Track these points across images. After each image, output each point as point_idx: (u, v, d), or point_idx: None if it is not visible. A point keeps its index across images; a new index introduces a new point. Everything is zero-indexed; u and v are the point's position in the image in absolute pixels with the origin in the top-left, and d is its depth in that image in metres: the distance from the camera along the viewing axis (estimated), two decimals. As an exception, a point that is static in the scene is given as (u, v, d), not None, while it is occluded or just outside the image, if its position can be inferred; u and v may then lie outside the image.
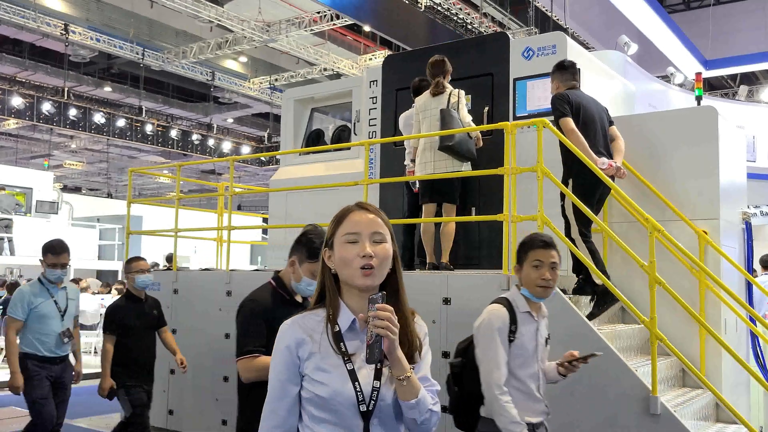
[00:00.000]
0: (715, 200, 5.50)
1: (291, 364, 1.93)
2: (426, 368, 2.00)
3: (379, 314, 1.80)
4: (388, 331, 1.80)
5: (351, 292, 1.95)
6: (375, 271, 1.89)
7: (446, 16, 16.90)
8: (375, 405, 1.87)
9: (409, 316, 1.97)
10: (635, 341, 5.30)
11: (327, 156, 7.77)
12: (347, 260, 1.90)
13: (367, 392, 1.87)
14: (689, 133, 5.63)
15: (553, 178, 4.88)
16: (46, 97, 20.43)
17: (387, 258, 1.93)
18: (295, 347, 1.93)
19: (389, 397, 1.89)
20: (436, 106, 5.80)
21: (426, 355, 2.01)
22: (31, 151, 28.53)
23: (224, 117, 26.37)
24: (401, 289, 1.99)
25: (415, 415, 1.88)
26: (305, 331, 1.94)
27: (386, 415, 1.90)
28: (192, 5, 15.96)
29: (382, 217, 1.99)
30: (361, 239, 1.91)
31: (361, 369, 1.89)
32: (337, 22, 16.86)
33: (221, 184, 7.34)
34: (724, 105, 12.05)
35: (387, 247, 1.93)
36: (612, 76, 7.10)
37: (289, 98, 8.24)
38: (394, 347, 1.84)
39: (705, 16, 18.56)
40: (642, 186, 5.68)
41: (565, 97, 5.17)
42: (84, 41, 18.12)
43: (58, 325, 5.32)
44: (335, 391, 1.87)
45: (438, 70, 5.86)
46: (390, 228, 1.99)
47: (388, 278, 1.96)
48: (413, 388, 1.87)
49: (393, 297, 1.95)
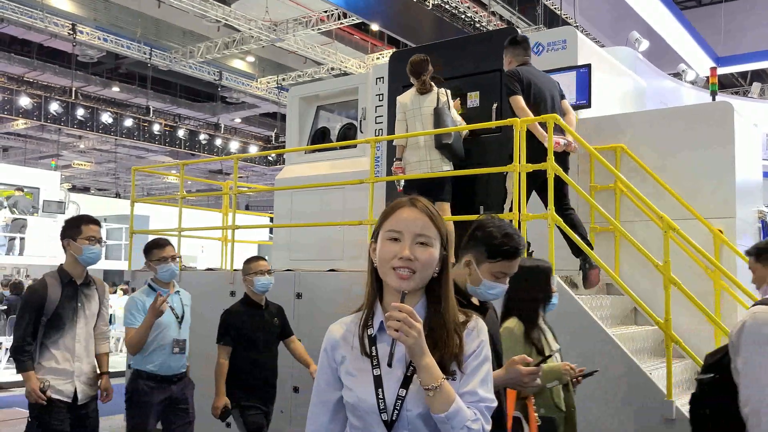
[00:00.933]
0: (730, 198, 5.36)
1: (329, 368, 1.86)
2: (476, 381, 1.78)
3: (393, 314, 1.67)
4: (402, 332, 1.66)
5: (390, 292, 1.82)
6: (413, 275, 1.76)
7: (454, 15, 16.77)
8: (399, 415, 1.73)
9: (449, 322, 1.80)
10: (649, 343, 5.16)
11: (333, 154, 7.67)
12: (385, 258, 1.78)
13: (391, 400, 1.74)
14: (704, 129, 5.49)
15: (564, 175, 4.75)
16: (54, 97, 20.43)
17: (430, 263, 1.78)
18: (331, 351, 1.87)
19: (419, 408, 1.73)
20: (427, 104, 5.73)
21: (481, 366, 1.80)
22: (40, 152, 28.60)
23: (232, 117, 26.35)
24: (445, 296, 1.82)
25: (447, 430, 1.69)
26: (343, 334, 1.87)
27: (417, 428, 1.74)
28: (199, 5, 15.92)
29: (434, 218, 1.82)
30: (404, 239, 1.77)
31: (389, 375, 1.76)
32: (344, 21, 16.77)
33: (226, 183, 7.25)
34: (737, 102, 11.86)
35: (432, 251, 1.78)
36: (623, 73, 6.97)
37: (294, 96, 8.14)
38: (416, 352, 1.68)
39: (717, 12, 18.35)
40: (656, 184, 5.53)
41: (516, 74, 5.19)
42: (91, 41, 18.12)
43: (175, 336, 4.58)
44: (359, 397, 1.77)
45: (422, 68, 5.78)
46: (442, 230, 1.83)
47: (434, 282, 1.82)
48: (445, 399, 1.68)
49: (434, 303, 1.81)
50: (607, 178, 5.63)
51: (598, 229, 5.67)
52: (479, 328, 1.86)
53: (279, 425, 5.74)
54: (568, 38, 6.06)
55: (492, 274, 2.53)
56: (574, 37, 6.05)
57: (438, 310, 1.80)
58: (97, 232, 4.21)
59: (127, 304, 4.60)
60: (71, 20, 17.42)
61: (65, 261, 4.25)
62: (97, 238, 4.19)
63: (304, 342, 5.12)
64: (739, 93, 19.15)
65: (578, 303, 4.51)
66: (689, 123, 5.57)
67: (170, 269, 4.56)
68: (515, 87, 5.13)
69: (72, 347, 4.16)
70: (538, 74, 5.35)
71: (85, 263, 4.20)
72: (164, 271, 4.56)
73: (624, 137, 5.75)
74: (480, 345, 1.83)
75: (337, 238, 7.08)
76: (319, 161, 7.70)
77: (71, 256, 4.19)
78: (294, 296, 5.85)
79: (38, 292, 4.11)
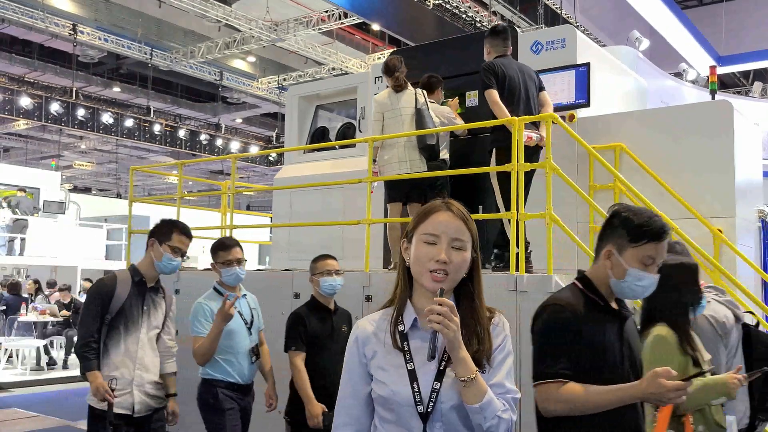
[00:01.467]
0: (730, 198, 5.33)
1: (359, 363, 1.93)
2: (502, 374, 1.89)
3: (434, 308, 1.75)
4: (443, 326, 1.74)
5: (420, 291, 1.91)
6: (446, 277, 1.84)
7: (455, 14, 16.75)
8: (434, 407, 1.82)
9: (482, 318, 1.91)
10: (648, 343, 5.13)
11: (332, 154, 7.65)
12: (421, 260, 1.86)
13: (426, 393, 1.82)
14: (704, 128, 5.46)
15: (562, 175, 4.72)
16: (54, 97, 20.44)
17: (463, 266, 1.88)
18: (362, 346, 1.93)
19: (452, 400, 1.82)
20: (404, 105, 5.72)
21: (505, 359, 1.92)
22: (41, 152, 28.63)
23: (233, 117, 26.35)
24: (476, 294, 1.93)
25: (480, 420, 1.79)
26: (373, 330, 1.93)
27: (450, 419, 1.83)
28: (199, 5, 15.91)
29: (468, 222, 1.91)
30: (440, 242, 1.86)
31: (423, 369, 1.84)
32: (345, 21, 16.76)
33: (224, 183, 7.23)
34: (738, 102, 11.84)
35: (465, 255, 1.87)
36: (623, 72, 6.94)
37: (293, 95, 8.12)
38: (454, 346, 1.77)
39: (718, 11, 18.31)
40: (656, 183, 5.51)
41: (492, 67, 5.17)
42: (92, 41, 18.13)
43: (246, 342, 4.30)
44: (393, 390, 1.84)
45: (394, 66, 5.78)
46: (474, 234, 1.92)
47: (464, 283, 1.92)
48: (478, 390, 1.78)
49: (466, 302, 1.91)
50: (606, 177, 5.60)
51: (598, 229, 5.63)
52: (503, 323, 1.96)
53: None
54: (567, 37, 6.04)
55: (639, 261, 2.27)
56: (574, 36, 6.03)
57: (472, 307, 1.90)
58: (186, 245, 3.96)
59: (193, 310, 4.23)
60: (72, 20, 17.42)
61: (142, 260, 4.01)
62: (183, 251, 3.94)
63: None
64: (741, 92, 19.10)
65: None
66: (688, 122, 5.55)
67: (235, 273, 4.24)
68: (490, 81, 5.12)
69: (134, 353, 3.83)
70: (514, 66, 5.31)
71: (159, 270, 3.96)
72: (229, 275, 4.25)
73: (623, 136, 5.72)
74: (504, 339, 1.93)
75: (336, 238, 7.06)
76: (318, 161, 7.67)
77: (150, 257, 3.95)
78: (292, 296, 5.82)
79: (107, 286, 3.83)
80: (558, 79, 5.85)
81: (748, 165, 5.74)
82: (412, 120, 5.69)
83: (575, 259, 5.55)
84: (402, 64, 5.83)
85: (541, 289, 4.50)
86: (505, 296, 4.58)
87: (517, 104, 5.17)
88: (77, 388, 5.41)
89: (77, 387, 5.44)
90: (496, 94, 5.09)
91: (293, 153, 8.05)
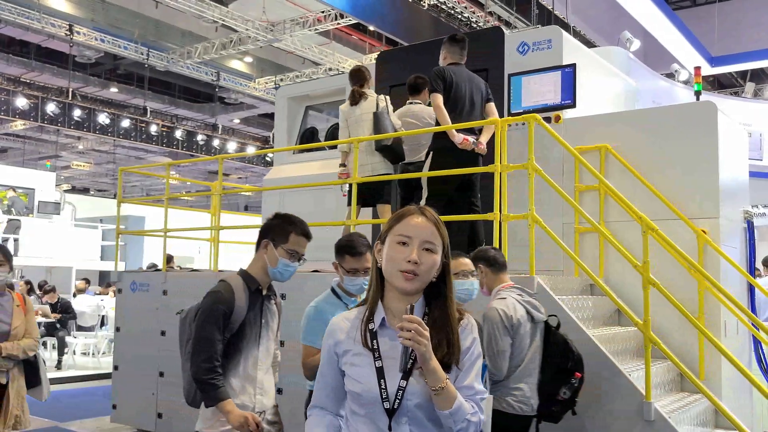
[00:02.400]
0: (714, 198, 5.32)
1: (332, 358, 2.03)
2: (472, 376, 1.98)
3: (404, 325, 1.83)
4: (414, 341, 1.82)
5: (392, 291, 1.99)
6: (416, 278, 1.92)
7: (450, 15, 16.73)
8: (400, 404, 1.89)
9: (452, 322, 1.97)
10: (632, 344, 5.13)
11: (321, 154, 7.65)
12: (393, 260, 1.94)
13: (393, 390, 1.90)
14: (688, 129, 5.46)
15: (544, 176, 4.72)
16: (51, 97, 20.44)
17: (432, 268, 1.95)
18: (333, 344, 2.03)
19: (418, 398, 1.90)
20: (365, 111, 5.97)
21: (475, 362, 2.00)
22: (39, 153, 28.61)
23: (230, 117, 26.33)
24: (447, 299, 1.99)
25: (451, 424, 1.88)
26: (345, 328, 2.03)
27: (416, 415, 1.91)
28: (196, 5, 15.89)
29: (439, 227, 1.99)
30: (412, 244, 1.93)
31: (390, 367, 1.92)
32: (341, 22, 16.74)
33: (214, 184, 7.23)
34: (730, 103, 11.85)
35: (436, 258, 1.95)
36: (613, 73, 6.94)
37: (283, 96, 8.12)
38: (425, 358, 1.84)
39: (711, 12, 18.29)
40: (640, 183, 5.50)
41: (441, 73, 5.46)
42: (89, 42, 18.11)
43: None
44: (362, 387, 1.93)
45: (358, 79, 6.11)
46: (445, 239, 2.00)
47: (435, 287, 1.99)
48: (448, 397, 1.87)
49: (437, 306, 1.98)
50: (592, 178, 5.60)
51: (582, 230, 5.65)
52: (472, 325, 2.03)
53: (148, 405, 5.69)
54: (553, 38, 6.04)
55: None
56: (560, 37, 6.02)
57: (443, 311, 1.97)
58: (304, 247, 3.40)
59: (308, 314, 3.66)
60: (69, 21, 17.39)
61: (252, 264, 3.41)
62: (300, 254, 3.38)
63: (289, 342, 5.08)
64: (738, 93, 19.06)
65: (558, 303, 4.48)
66: (673, 123, 5.54)
67: (359, 284, 3.63)
68: (438, 85, 5.41)
69: (254, 375, 3.30)
70: (464, 75, 5.57)
71: (273, 277, 3.38)
72: (353, 284, 3.65)
73: (609, 137, 5.72)
74: (473, 342, 2.01)
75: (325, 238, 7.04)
76: (307, 161, 7.68)
77: (262, 260, 3.36)
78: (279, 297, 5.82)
79: (225, 298, 3.22)
80: (544, 80, 5.86)
81: (733, 165, 5.74)
82: (372, 125, 5.91)
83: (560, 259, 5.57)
84: (365, 74, 6.14)
85: (524, 290, 4.50)
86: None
87: (460, 111, 5.46)
88: (68, 389, 5.42)
89: (68, 388, 5.45)
90: (440, 98, 5.37)
91: (283, 153, 8.05)
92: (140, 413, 6.85)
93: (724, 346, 4.30)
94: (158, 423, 6.71)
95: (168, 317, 6.68)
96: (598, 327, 5.13)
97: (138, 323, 6.99)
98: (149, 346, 6.71)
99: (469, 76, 5.59)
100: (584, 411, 4.27)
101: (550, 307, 4.42)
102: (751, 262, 5.96)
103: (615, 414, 4.24)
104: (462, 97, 5.49)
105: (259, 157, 26.83)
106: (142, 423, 6.88)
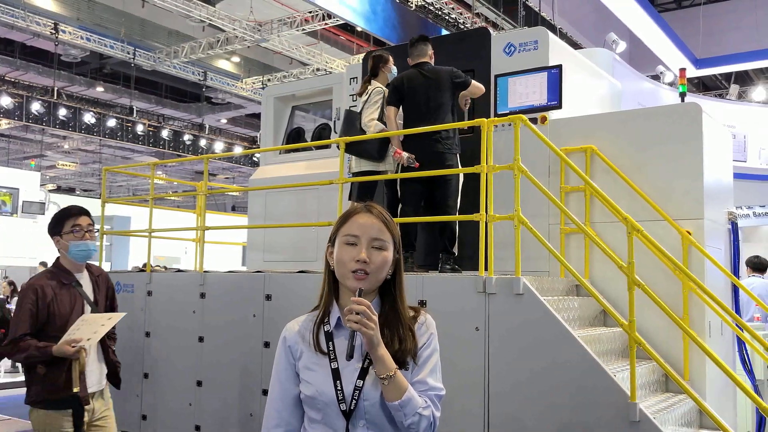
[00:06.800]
0: (699, 200, 5.34)
1: (287, 364, 1.97)
2: (426, 372, 1.94)
3: (353, 308, 1.79)
4: (361, 325, 1.77)
5: (346, 293, 1.96)
6: (368, 276, 1.90)
7: (438, 16, 16.75)
8: (357, 405, 1.86)
9: (404, 317, 1.95)
10: (617, 345, 5.14)
11: (307, 155, 7.63)
12: (342, 261, 1.92)
13: (349, 391, 1.86)
14: (672, 130, 5.47)
15: (530, 177, 4.72)
16: (36, 96, 20.25)
17: (383, 265, 1.93)
18: (290, 348, 1.98)
19: (375, 398, 1.86)
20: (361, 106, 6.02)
21: (430, 357, 1.96)
22: (24, 152, 28.37)
23: (218, 117, 26.23)
24: (400, 294, 1.98)
25: (401, 417, 1.84)
26: (300, 331, 1.98)
27: (374, 416, 1.87)
28: (183, 5, 15.82)
29: (388, 224, 1.97)
30: (360, 243, 1.91)
31: (347, 368, 1.88)
32: (329, 22, 16.73)
33: (199, 184, 7.18)
34: (714, 104, 11.91)
35: (386, 255, 1.93)
36: (597, 75, 6.96)
37: (269, 96, 8.08)
38: (373, 343, 1.81)
39: (696, 14, 18.43)
40: (626, 184, 5.51)
41: (395, 86, 5.74)
42: (74, 41, 17.98)
43: None
44: (318, 390, 1.88)
45: (366, 70, 6.25)
46: (396, 235, 1.98)
47: (387, 283, 1.97)
48: (397, 388, 1.82)
49: (390, 301, 1.96)
50: (577, 179, 5.61)
51: (568, 231, 5.65)
52: (428, 322, 2.02)
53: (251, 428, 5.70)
54: (539, 39, 6.04)
55: None
56: (546, 38, 6.03)
57: (394, 307, 1.95)
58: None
59: None
60: (54, 20, 17.26)
61: None
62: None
63: (272, 344, 5.06)
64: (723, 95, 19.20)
65: (543, 304, 4.48)
66: (658, 124, 5.55)
67: None
68: (391, 99, 5.73)
69: None
70: (419, 80, 5.69)
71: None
72: None
73: (595, 138, 5.72)
74: (430, 338, 1.99)
75: (311, 239, 7.03)
76: (293, 162, 7.64)
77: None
78: (264, 298, 5.79)
79: None
80: (530, 81, 5.85)
81: (717, 167, 5.76)
82: None
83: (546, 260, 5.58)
84: (368, 65, 6.17)
85: (510, 291, 4.50)
86: (473, 298, 4.58)
87: (418, 117, 5.64)
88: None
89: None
90: (393, 111, 5.70)
91: (269, 154, 8.01)
92: (124, 415, 6.78)
93: (709, 347, 4.32)
94: (142, 424, 6.65)
95: (153, 318, 6.63)
96: (584, 328, 5.14)
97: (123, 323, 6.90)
98: (134, 348, 6.65)
99: (427, 77, 5.70)
100: (569, 412, 4.28)
101: (536, 308, 4.42)
102: (735, 263, 5.99)
103: (600, 415, 4.24)
104: (418, 103, 5.68)
105: (246, 157, 26.73)
106: (125, 425, 6.81)
